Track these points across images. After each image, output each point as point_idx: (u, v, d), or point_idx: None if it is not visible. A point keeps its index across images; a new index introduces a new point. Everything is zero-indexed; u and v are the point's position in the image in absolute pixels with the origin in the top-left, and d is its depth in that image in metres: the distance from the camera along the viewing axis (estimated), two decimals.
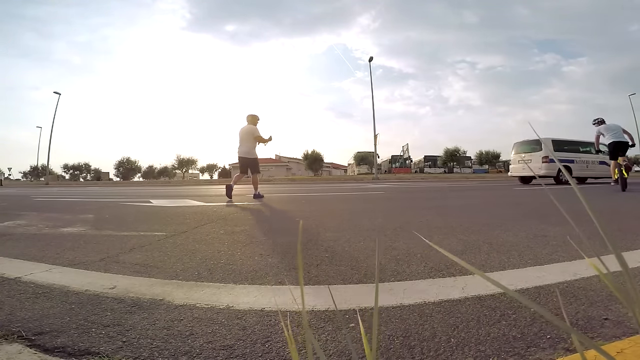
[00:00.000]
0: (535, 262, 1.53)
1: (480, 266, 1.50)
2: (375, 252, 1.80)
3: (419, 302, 1.09)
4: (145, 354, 0.81)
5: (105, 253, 1.88)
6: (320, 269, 1.50)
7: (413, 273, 1.41)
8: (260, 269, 1.53)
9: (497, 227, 2.52)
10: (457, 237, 2.16)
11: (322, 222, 2.97)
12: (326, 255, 1.74)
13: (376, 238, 2.16)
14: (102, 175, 62.19)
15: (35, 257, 1.79)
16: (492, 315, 0.98)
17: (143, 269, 1.54)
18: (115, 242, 2.20)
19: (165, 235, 2.39)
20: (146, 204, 5.42)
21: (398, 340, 0.86)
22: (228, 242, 2.14)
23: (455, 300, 1.10)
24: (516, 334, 0.86)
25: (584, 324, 0.91)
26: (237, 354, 0.81)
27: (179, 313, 1.04)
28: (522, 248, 1.81)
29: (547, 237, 2.07)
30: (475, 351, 0.79)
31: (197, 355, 0.80)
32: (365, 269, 1.47)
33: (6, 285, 1.32)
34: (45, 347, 0.84)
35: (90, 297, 1.19)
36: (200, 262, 1.66)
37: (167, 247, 2.02)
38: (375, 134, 22.01)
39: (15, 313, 1.05)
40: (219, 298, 1.17)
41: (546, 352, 0.77)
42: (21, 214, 4.08)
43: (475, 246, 1.88)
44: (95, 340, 0.87)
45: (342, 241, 2.09)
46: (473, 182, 14.84)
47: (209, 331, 0.92)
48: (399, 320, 0.97)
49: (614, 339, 0.82)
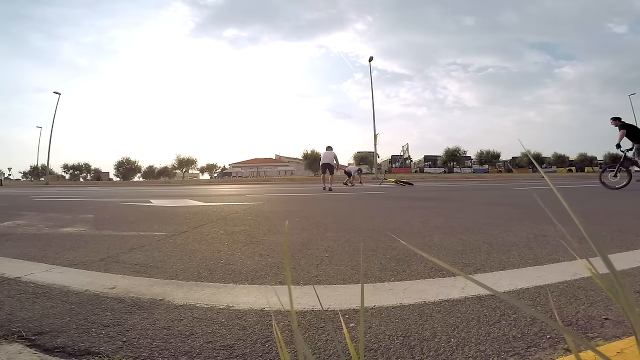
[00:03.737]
0: (535, 262, 1.53)
1: (480, 266, 1.50)
2: (375, 252, 1.80)
3: (419, 302, 1.09)
4: (145, 354, 0.81)
5: (105, 253, 1.88)
6: (320, 269, 1.50)
7: (413, 273, 1.41)
8: (260, 269, 1.53)
9: (497, 226, 2.52)
10: (457, 236, 2.16)
11: (322, 221, 2.97)
12: (326, 255, 1.74)
13: (370, 240, 2.16)
14: (102, 175, 62.18)
15: (35, 257, 1.79)
16: (492, 315, 0.98)
17: (143, 269, 1.54)
18: (115, 242, 2.20)
19: (165, 235, 2.39)
20: (146, 204, 5.42)
21: (398, 340, 0.86)
22: (228, 242, 2.14)
23: (455, 300, 1.10)
24: (516, 334, 0.86)
25: (584, 324, 0.91)
26: (237, 354, 0.81)
27: (179, 313, 1.04)
28: (522, 248, 1.80)
29: (547, 237, 2.07)
30: (475, 351, 0.79)
31: (197, 355, 0.80)
32: (365, 269, 1.47)
33: (6, 285, 1.32)
34: (45, 347, 0.84)
35: (90, 297, 1.19)
36: (200, 262, 1.66)
37: (167, 247, 2.02)
38: (375, 133, 22.02)
39: (16, 313, 1.05)
40: (219, 298, 1.17)
41: (546, 352, 0.77)
42: (21, 214, 4.08)
43: (476, 246, 1.88)
44: (95, 340, 0.87)
45: (342, 241, 2.09)
46: (473, 182, 14.84)
47: (209, 331, 0.92)
48: (399, 320, 0.97)
49: (614, 339, 0.82)
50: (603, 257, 0.25)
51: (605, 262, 0.26)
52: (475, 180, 18.24)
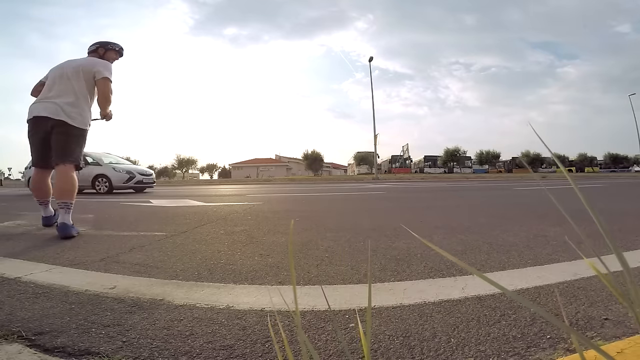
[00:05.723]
0: (535, 262, 1.53)
1: (480, 266, 1.50)
2: (375, 252, 1.80)
3: (419, 302, 1.09)
4: (145, 354, 0.81)
5: (105, 253, 1.87)
6: (321, 269, 1.50)
7: (413, 273, 1.41)
8: (260, 269, 1.53)
9: (497, 227, 2.52)
10: (457, 237, 2.16)
11: (322, 221, 2.97)
12: (326, 255, 1.74)
13: (370, 240, 2.16)
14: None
15: (35, 257, 1.79)
16: (492, 315, 0.98)
17: (143, 269, 1.54)
18: (115, 242, 2.20)
19: (165, 235, 2.38)
20: (146, 203, 5.42)
21: (398, 340, 0.86)
22: (228, 242, 2.14)
23: (455, 300, 1.10)
24: (516, 334, 0.86)
25: (584, 324, 0.91)
26: (237, 354, 0.81)
27: (179, 313, 1.04)
28: (522, 248, 1.81)
29: (547, 237, 2.07)
30: (475, 351, 0.79)
31: (197, 355, 0.80)
32: (365, 269, 1.47)
33: (6, 285, 1.32)
34: (45, 347, 0.84)
35: (90, 297, 1.19)
36: (200, 262, 1.66)
37: (167, 247, 2.02)
38: (375, 133, 22.03)
39: (15, 313, 1.05)
40: (219, 298, 1.17)
41: (546, 352, 0.77)
42: (21, 214, 4.08)
43: (475, 246, 1.88)
44: (95, 340, 0.87)
45: (342, 241, 2.09)
46: (473, 182, 14.84)
47: (209, 331, 0.92)
48: (399, 320, 0.97)
49: (614, 339, 0.82)
50: (618, 255, 0.25)
51: (619, 260, 0.26)
52: (475, 180, 18.24)
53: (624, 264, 0.26)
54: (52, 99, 2.52)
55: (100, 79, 2.62)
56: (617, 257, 0.26)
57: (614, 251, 0.26)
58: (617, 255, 0.26)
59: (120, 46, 2.93)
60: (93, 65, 2.65)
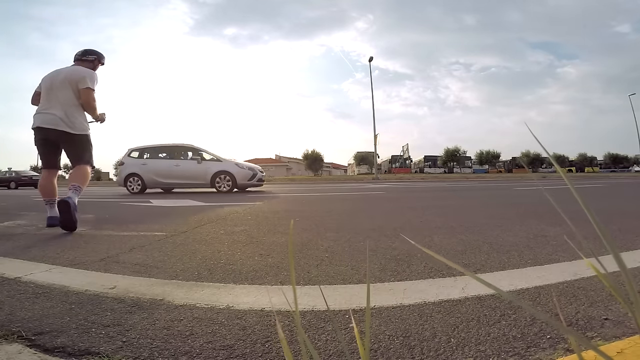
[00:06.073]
0: (535, 262, 1.53)
1: (480, 266, 1.50)
2: (375, 252, 1.80)
3: (419, 302, 1.09)
4: (145, 354, 0.81)
5: (105, 253, 1.88)
6: (321, 269, 1.50)
7: (413, 273, 1.41)
8: (260, 269, 1.53)
9: (497, 227, 2.52)
10: (457, 237, 2.16)
11: (322, 222, 2.97)
12: (326, 255, 1.74)
13: (370, 240, 2.16)
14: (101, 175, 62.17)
15: (35, 257, 1.79)
16: (492, 315, 0.98)
17: (143, 269, 1.54)
18: (115, 242, 2.20)
19: (165, 235, 2.39)
20: (146, 203, 5.42)
21: (398, 340, 0.86)
22: (228, 242, 2.14)
23: (455, 300, 1.10)
24: (516, 334, 0.86)
25: (584, 324, 0.91)
26: (237, 354, 0.81)
27: (179, 313, 1.04)
28: (522, 248, 1.81)
29: (547, 237, 2.07)
30: (475, 351, 0.79)
31: (197, 355, 0.80)
32: (365, 269, 1.47)
33: (6, 285, 1.32)
34: (45, 347, 0.84)
35: (90, 297, 1.19)
36: (200, 262, 1.66)
37: (167, 247, 2.02)
38: (375, 133, 22.03)
39: (15, 313, 1.05)
40: (219, 298, 1.17)
41: (546, 352, 0.77)
42: (21, 214, 4.08)
43: (476, 246, 1.88)
44: (95, 340, 0.87)
45: (342, 241, 2.09)
46: (473, 182, 14.84)
47: (209, 331, 0.92)
48: (399, 320, 0.97)
49: (614, 339, 0.82)
50: (615, 256, 0.25)
51: (616, 260, 0.26)
52: (475, 180, 18.25)
53: (621, 264, 0.26)
54: (48, 110, 2.72)
55: (83, 89, 2.79)
56: (615, 258, 0.26)
57: (611, 251, 0.26)
58: (614, 256, 0.26)
59: (98, 54, 3.06)
60: (77, 74, 2.81)
